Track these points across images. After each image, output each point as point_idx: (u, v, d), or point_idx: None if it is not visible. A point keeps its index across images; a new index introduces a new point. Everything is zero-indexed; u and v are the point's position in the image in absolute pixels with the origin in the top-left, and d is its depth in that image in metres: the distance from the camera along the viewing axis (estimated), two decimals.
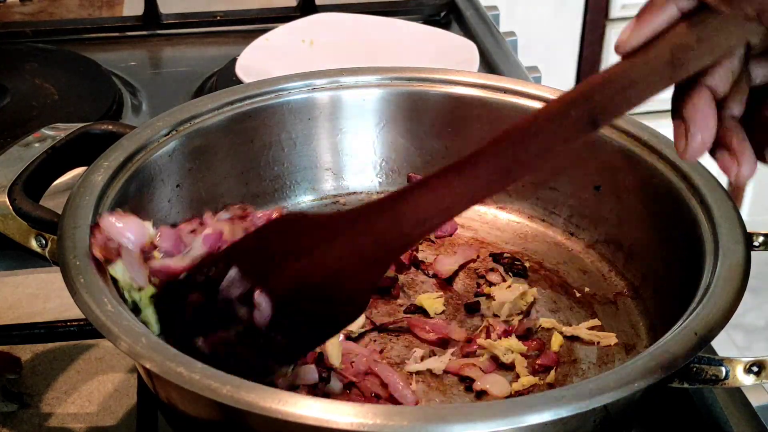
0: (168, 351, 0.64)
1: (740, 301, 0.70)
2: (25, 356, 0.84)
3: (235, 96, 0.94)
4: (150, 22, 1.48)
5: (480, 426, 0.59)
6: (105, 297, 0.68)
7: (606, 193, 0.92)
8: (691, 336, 0.66)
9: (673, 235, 0.83)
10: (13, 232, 0.77)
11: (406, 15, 1.49)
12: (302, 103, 0.96)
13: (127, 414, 0.79)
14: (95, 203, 0.78)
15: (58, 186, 0.86)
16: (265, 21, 1.49)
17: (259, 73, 1.11)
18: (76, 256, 0.71)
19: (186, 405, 0.67)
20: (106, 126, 0.88)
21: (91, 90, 1.29)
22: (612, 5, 2.34)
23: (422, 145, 1.00)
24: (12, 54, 1.38)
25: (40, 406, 0.79)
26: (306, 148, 0.98)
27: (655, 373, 0.63)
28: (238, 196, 0.96)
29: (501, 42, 1.41)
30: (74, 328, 0.85)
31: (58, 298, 0.91)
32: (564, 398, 0.61)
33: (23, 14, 1.57)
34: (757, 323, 2.56)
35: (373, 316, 0.85)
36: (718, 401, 0.79)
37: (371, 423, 0.58)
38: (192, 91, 1.32)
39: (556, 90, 0.94)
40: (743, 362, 0.66)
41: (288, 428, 0.60)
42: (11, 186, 0.78)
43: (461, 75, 0.99)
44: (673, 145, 0.88)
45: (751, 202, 2.68)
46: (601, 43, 2.39)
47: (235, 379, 0.61)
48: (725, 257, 0.73)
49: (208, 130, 0.91)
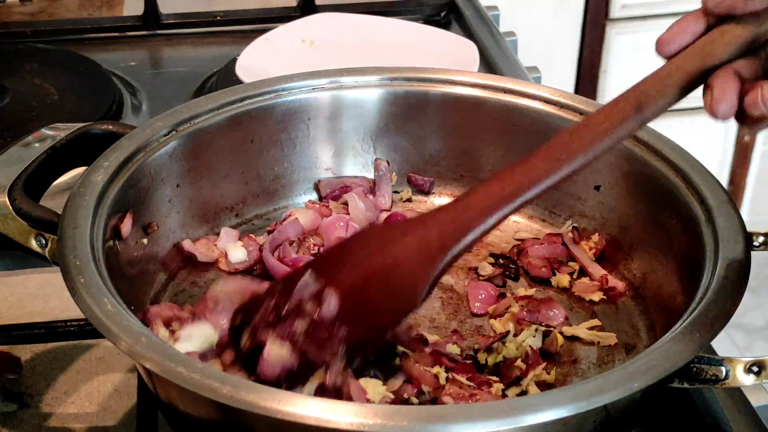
0: (168, 351, 0.64)
1: (740, 301, 0.70)
2: (25, 356, 0.84)
3: (235, 96, 0.94)
4: (150, 22, 1.48)
5: (480, 426, 0.59)
6: (105, 297, 0.68)
7: (606, 193, 0.92)
8: (691, 336, 0.66)
9: (673, 235, 0.83)
10: (13, 232, 0.77)
11: (406, 15, 1.49)
12: (302, 103, 0.96)
13: (127, 414, 0.79)
14: (95, 203, 0.78)
15: (58, 186, 0.86)
16: (265, 21, 1.49)
17: (259, 73, 1.11)
18: (76, 256, 0.71)
19: (186, 405, 0.67)
20: (106, 126, 0.88)
21: (91, 90, 1.29)
22: (612, 5, 2.34)
23: (422, 145, 1.00)
24: (12, 54, 1.38)
25: (40, 406, 0.79)
26: (306, 148, 0.98)
27: (655, 373, 0.63)
28: (238, 196, 0.96)
29: (501, 42, 1.41)
30: (74, 328, 0.85)
31: (58, 298, 0.91)
32: (564, 398, 0.61)
33: (23, 14, 1.57)
34: (757, 323, 2.56)
35: None
36: (718, 401, 0.79)
37: (371, 423, 0.58)
38: (192, 91, 1.32)
39: (556, 90, 0.94)
40: (743, 362, 0.66)
41: (288, 428, 0.60)
42: (11, 186, 0.78)
43: (461, 75, 0.99)
44: (674, 145, 0.88)
45: (751, 202, 2.68)
46: (601, 43, 2.39)
47: (235, 379, 0.61)
48: (725, 257, 0.73)
49: (208, 130, 0.91)
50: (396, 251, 0.73)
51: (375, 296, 0.73)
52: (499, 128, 0.97)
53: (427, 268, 0.71)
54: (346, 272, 0.73)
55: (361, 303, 0.72)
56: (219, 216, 0.95)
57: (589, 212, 0.94)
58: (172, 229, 0.90)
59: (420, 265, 0.71)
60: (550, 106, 0.94)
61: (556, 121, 0.93)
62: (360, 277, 0.73)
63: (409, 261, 0.72)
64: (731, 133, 2.54)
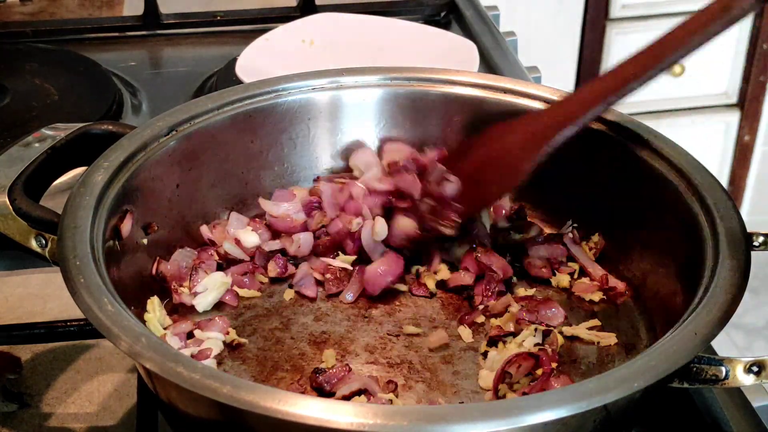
0: (168, 351, 0.64)
1: (740, 301, 0.70)
2: (25, 356, 0.84)
3: (235, 96, 0.94)
4: (150, 22, 1.48)
5: (480, 426, 0.59)
6: (105, 297, 0.68)
7: (606, 193, 0.92)
8: (691, 336, 0.66)
9: (673, 235, 0.83)
10: (13, 232, 0.77)
11: (406, 15, 1.49)
12: (302, 103, 0.96)
13: (127, 414, 0.79)
14: (95, 203, 0.78)
15: (58, 186, 0.86)
16: (265, 21, 1.49)
17: (259, 73, 1.11)
18: (76, 256, 0.71)
19: (186, 405, 0.67)
20: (106, 126, 0.88)
21: (91, 90, 1.29)
22: (612, 5, 2.34)
23: (422, 145, 0.99)
24: (12, 54, 1.38)
25: (40, 406, 0.79)
26: (306, 148, 0.98)
27: (655, 373, 0.63)
28: (238, 195, 0.96)
29: (501, 42, 1.41)
30: (74, 328, 0.85)
31: (58, 298, 0.91)
32: (564, 398, 0.61)
33: (23, 14, 1.57)
34: (757, 323, 2.56)
35: None
36: (718, 401, 0.79)
37: (371, 423, 0.58)
38: (192, 91, 1.32)
39: (556, 90, 0.94)
40: (743, 362, 0.66)
41: (288, 428, 0.60)
42: (11, 186, 0.78)
43: (461, 75, 0.99)
44: (674, 145, 0.88)
45: (751, 202, 2.68)
46: (601, 43, 2.39)
47: (235, 379, 0.61)
48: (725, 257, 0.73)
49: (208, 130, 0.91)
50: (507, 141, 0.89)
51: (488, 177, 0.90)
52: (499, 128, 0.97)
53: (530, 153, 0.87)
54: (465, 161, 0.91)
55: (476, 183, 0.90)
56: (219, 216, 0.94)
57: (589, 212, 0.93)
58: (172, 229, 0.90)
59: (525, 151, 0.87)
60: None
61: None
62: (476, 163, 0.90)
63: (517, 148, 0.88)
64: (731, 133, 2.54)
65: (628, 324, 0.85)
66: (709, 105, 2.51)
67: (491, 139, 0.91)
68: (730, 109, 2.52)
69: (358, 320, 0.85)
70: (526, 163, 0.87)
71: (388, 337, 0.83)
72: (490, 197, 0.93)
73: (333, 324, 0.85)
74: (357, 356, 0.81)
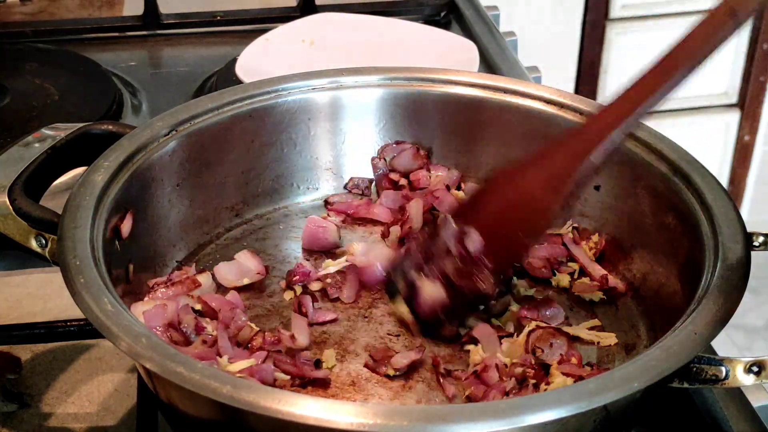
0: (168, 351, 0.64)
1: (740, 301, 0.70)
2: (25, 356, 0.84)
3: (235, 96, 0.94)
4: (150, 22, 1.48)
5: (480, 426, 0.59)
6: (105, 297, 0.68)
7: (606, 193, 0.92)
8: (691, 336, 0.66)
9: (673, 235, 0.83)
10: (13, 232, 0.77)
11: (406, 15, 1.49)
12: (302, 103, 0.96)
13: (127, 414, 0.79)
14: (95, 203, 0.78)
15: (58, 186, 0.86)
16: (265, 21, 1.49)
17: (259, 73, 1.11)
18: (76, 256, 0.71)
19: (186, 405, 0.67)
20: (106, 126, 0.88)
21: (91, 90, 1.29)
22: (612, 5, 2.34)
23: (422, 145, 1.00)
24: (12, 54, 1.39)
25: (40, 406, 0.79)
26: (306, 148, 0.98)
27: (655, 373, 0.63)
28: (238, 196, 0.96)
29: (501, 42, 1.41)
30: (74, 328, 0.86)
31: (58, 298, 0.91)
32: (564, 398, 0.61)
33: (23, 14, 1.57)
34: (757, 323, 2.56)
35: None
36: (718, 401, 0.79)
37: (371, 423, 0.58)
38: (192, 91, 1.32)
39: (556, 90, 0.94)
40: (743, 362, 0.66)
41: (288, 428, 0.60)
42: (11, 186, 0.78)
43: (461, 75, 0.99)
44: (674, 145, 0.88)
45: (751, 202, 2.68)
46: (601, 43, 2.39)
47: (235, 379, 0.61)
48: (725, 257, 0.73)
49: (208, 130, 0.91)
50: (525, 184, 0.80)
51: (512, 228, 0.81)
52: (499, 128, 0.97)
53: (557, 191, 0.79)
54: (482, 212, 0.81)
55: (501, 234, 0.80)
56: (219, 216, 0.95)
57: (589, 212, 0.93)
58: (173, 229, 0.90)
59: (550, 191, 0.79)
60: (550, 106, 0.94)
61: (556, 121, 0.93)
62: (496, 213, 0.81)
63: (540, 189, 0.79)
64: (731, 133, 2.54)
65: (628, 324, 0.85)
66: (709, 105, 2.51)
67: (505, 185, 0.82)
68: (730, 109, 2.52)
69: (358, 320, 0.85)
70: (554, 204, 0.80)
71: (388, 337, 0.83)
72: (520, 249, 0.84)
73: (333, 324, 0.85)
74: (357, 356, 0.81)
